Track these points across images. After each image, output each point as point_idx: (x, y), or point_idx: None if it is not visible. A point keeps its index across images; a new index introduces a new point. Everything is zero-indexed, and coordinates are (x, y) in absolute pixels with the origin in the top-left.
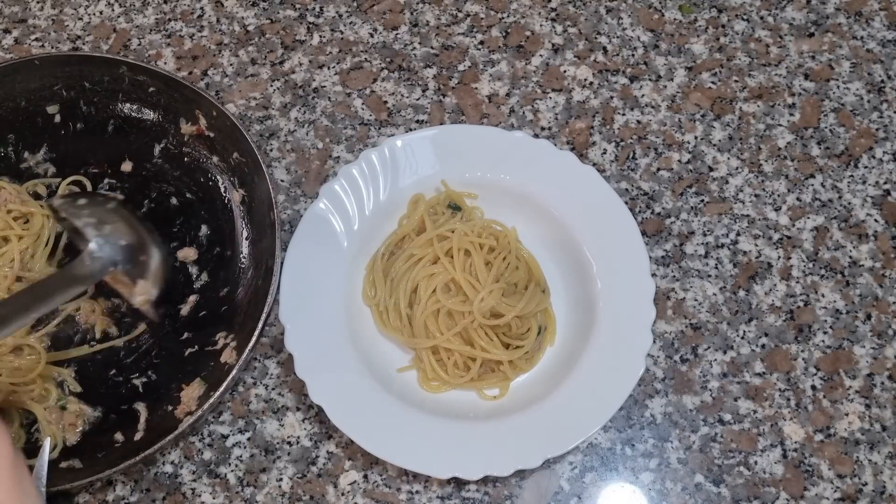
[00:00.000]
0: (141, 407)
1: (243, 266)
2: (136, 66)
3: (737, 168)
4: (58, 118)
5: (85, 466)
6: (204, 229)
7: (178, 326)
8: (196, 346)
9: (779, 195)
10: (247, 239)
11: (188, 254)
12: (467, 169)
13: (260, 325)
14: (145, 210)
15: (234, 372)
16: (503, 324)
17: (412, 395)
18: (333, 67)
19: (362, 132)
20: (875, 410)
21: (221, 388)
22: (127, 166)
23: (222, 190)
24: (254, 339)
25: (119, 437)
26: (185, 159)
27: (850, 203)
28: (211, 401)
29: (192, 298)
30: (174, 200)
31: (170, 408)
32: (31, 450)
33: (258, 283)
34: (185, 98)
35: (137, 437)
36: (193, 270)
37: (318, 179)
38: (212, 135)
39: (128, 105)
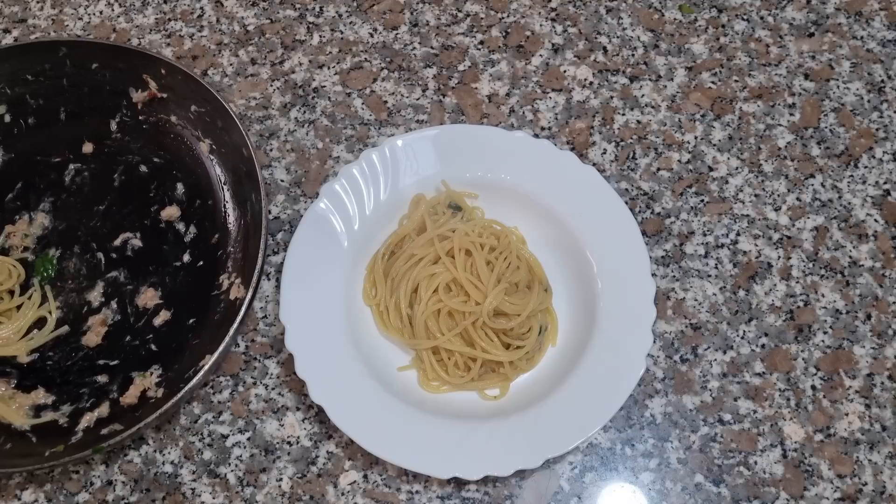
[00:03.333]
0: (159, 366)
1: (227, 211)
2: (75, 42)
3: (737, 168)
4: (7, 118)
5: (125, 428)
6: (180, 187)
7: (180, 280)
8: (202, 294)
9: (779, 195)
10: (225, 184)
11: (171, 212)
12: (468, 169)
13: (261, 256)
14: (117, 184)
15: (247, 301)
16: (508, 324)
17: (412, 395)
18: (333, 67)
19: (362, 132)
20: (875, 410)
21: (238, 318)
22: (88, 148)
23: (189, 145)
24: (258, 267)
25: (151, 393)
26: (144, 127)
27: (850, 203)
28: (230, 334)
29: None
30: (143, 168)
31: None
32: None
33: (247, 220)
34: (131, 65)
35: (160, 393)
36: (181, 227)
37: (318, 179)
38: (164, 95)
39: (75, 89)
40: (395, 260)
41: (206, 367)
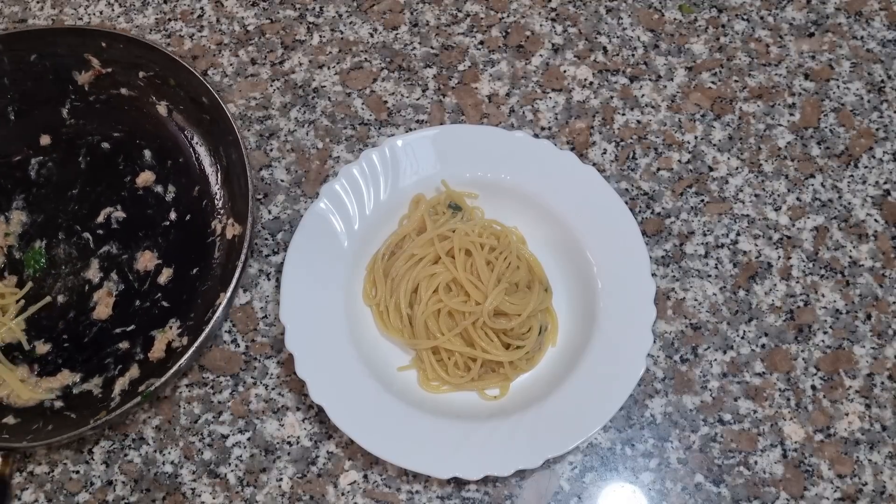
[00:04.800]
0: (176, 319)
1: (202, 162)
2: (7, 36)
3: (737, 168)
4: None
5: (155, 378)
6: (147, 153)
7: (173, 238)
8: (199, 244)
9: (779, 195)
10: (192, 139)
11: (146, 178)
12: (468, 169)
13: (251, 188)
14: (83, 167)
15: (247, 235)
16: (508, 324)
17: (412, 395)
18: (333, 67)
19: (362, 132)
20: (875, 410)
21: (244, 250)
22: (45, 140)
23: (146, 111)
24: (250, 197)
25: (176, 344)
26: (97, 106)
27: (850, 203)
28: (239, 268)
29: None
30: (105, 145)
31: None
32: None
33: (223, 164)
34: (70, 47)
35: (185, 340)
36: (159, 189)
37: (318, 179)
38: (109, 70)
39: (17, 85)
40: (395, 260)
41: (224, 304)
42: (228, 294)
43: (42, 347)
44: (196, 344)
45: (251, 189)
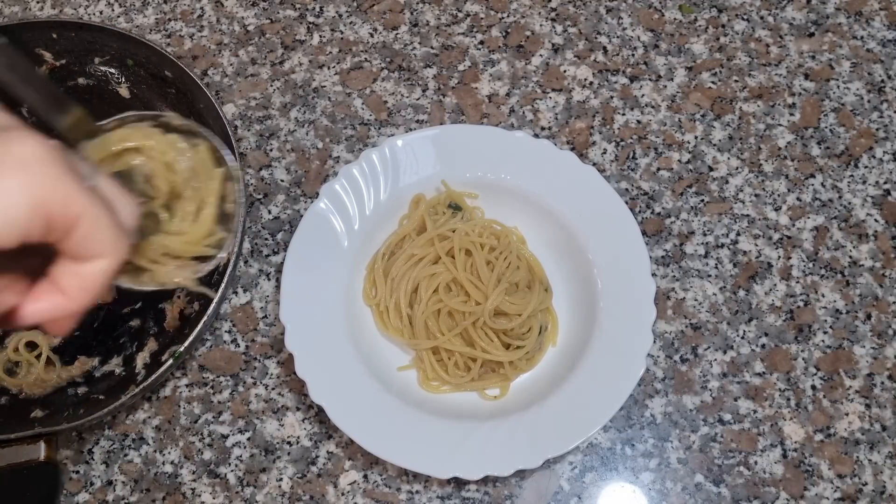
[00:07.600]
0: (181, 290)
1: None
2: None
3: (737, 168)
4: None
5: (178, 345)
6: None
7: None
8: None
9: (779, 195)
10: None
11: None
12: (468, 169)
13: (234, 148)
14: None
15: (239, 183)
16: (508, 324)
17: (412, 395)
18: (333, 67)
19: (362, 132)
20: (875, 410)
21: (241, 208)
22: None
23: (108, 98)
24: (235, 157)
25: (188, 311)
26: None
27: (850, 203)
28: (241, 225)
29: None
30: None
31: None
32: None
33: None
34: (19, 43)
35: (197, 306)
36: None
37: (318, 179)
38: (63, 61)
39: None
40: (395, 260)
41: (233, 260)
42: (236, 247)
43: (53, 340)
44: (215, 301)
45: (235, 145)
